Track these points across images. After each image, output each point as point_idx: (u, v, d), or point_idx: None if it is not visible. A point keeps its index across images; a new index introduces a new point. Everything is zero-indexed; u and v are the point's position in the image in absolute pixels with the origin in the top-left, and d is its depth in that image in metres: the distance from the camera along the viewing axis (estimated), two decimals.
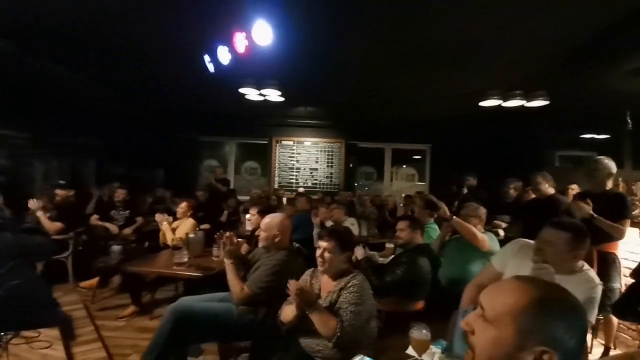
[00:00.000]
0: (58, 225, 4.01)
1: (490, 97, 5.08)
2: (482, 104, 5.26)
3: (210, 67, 3.44)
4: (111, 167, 7.15)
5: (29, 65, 4.68)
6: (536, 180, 3.41)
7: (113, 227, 4.47)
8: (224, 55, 3.21)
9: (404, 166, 8.89)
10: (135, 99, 6.82)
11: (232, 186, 7.80)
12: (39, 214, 3.96)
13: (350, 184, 8.39)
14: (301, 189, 8.09)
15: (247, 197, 6.87)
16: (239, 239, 4.11)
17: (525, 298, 0.70)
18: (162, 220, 3.79)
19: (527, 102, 5.07)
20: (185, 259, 2.91)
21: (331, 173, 8.51)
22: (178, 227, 3.85)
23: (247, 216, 3.83)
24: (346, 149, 8.41)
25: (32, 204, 3.97)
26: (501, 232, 3.95)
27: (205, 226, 4.29)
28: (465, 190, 5.20)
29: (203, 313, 2.14)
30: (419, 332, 1.33)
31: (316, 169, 8.58)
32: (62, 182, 4.77)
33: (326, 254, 1.80)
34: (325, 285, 1.86)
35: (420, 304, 2.52)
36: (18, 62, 4.52)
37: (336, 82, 5.21)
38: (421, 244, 2.71)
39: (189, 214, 3.98)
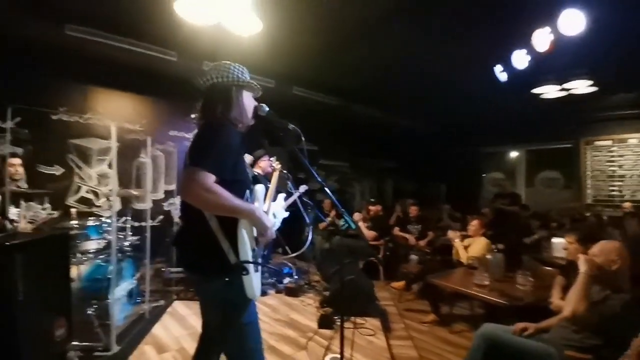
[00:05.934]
0: (373, 233, 5.09)
1: None
2: None
3: (502, 77, 3.21)
4: (403, 185, 8.33)
5: (350, 112, 6.40)
6: None
7: (411, 239, 5.10)
8: (520, 59, 2.90)
9: None
10: (425, 121, 7.62)
11: (523, 201, 6.83)
12: (360, 224, 5.18)
13: None
14: (627, 204, 5.82)
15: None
16: (546, 267, 3.52)
17: None
18: (455, 237, 3.87)
19: None
20: (487, 282, 2.78)
21: None
22: (470, 245, 3.80)
23: (559, 241, 3.17)
24: None
25: (356, 216, 5.27)
26: None
27: (500, 246, 3.96)
28: None
29: (515, 348, 1.94)
30: None
31: None
32: (372, 199, 6.06)
33: None
34: None
35: None
36: (343, 111, 6.29)
37: None
38: None
39: (481, 232, 3.84)
